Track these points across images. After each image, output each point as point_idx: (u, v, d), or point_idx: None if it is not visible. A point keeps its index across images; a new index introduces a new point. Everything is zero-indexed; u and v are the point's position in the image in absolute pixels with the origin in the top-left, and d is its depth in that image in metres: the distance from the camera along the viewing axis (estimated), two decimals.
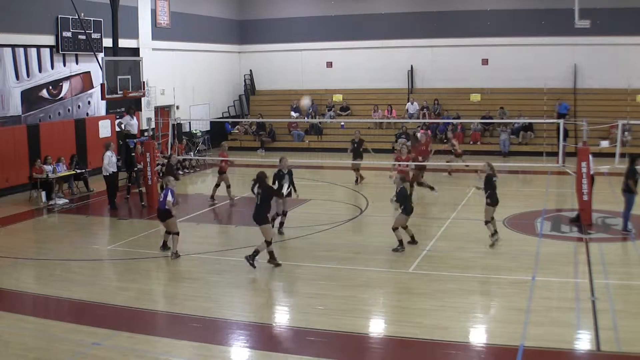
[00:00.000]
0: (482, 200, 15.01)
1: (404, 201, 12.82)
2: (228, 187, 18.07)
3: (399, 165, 16.71)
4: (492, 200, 13.25)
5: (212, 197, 18.25)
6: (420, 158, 17.94)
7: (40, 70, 20.98)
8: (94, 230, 16.15)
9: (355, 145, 20.05)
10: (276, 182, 14.37)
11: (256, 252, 11.96)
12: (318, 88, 31.17)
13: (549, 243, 13.47)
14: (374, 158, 20.90)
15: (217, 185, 18.17)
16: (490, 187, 13.23)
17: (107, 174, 17.55)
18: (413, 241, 13.20)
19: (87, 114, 22.98)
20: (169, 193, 12.74)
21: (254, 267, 11.85)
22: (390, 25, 29.97)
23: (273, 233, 12.47)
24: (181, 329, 9.48)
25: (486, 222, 13.31)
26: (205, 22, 29.70)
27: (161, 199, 12.91)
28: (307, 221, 15.99)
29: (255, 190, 12.14)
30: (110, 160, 17.57)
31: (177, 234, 12.93)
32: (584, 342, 8.80)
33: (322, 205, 18.04)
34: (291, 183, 14.60)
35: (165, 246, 13.25)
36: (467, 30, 28.76)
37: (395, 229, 12.91)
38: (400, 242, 12.88)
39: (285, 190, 14.11)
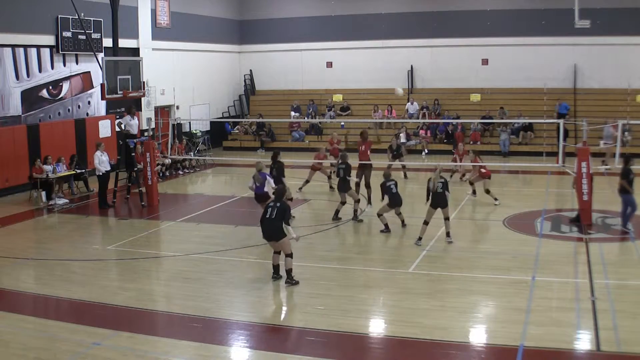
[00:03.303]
0: (482, 200, 15.06)
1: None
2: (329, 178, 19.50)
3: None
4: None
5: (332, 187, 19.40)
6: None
7: (40, 70, 20.99)
8: (94, 230, 16.15)
9: (395, 152, 20.43)
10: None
11: (289, 271, 11.18)
12: (318, 88, 31.18)
13: (549, 243, 13.47)
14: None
15: (329, 177, 19.50)
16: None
17: (100, 174, 17.62)
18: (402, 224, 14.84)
19: (87, 114, 22.98)
20: (267, 177, 14.19)
21: (298, 282, 11.14)
22: (390, 25, 29.97)
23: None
24: (181, 329, 9.48)
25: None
26: (205, 22, 29.70)
27: (258, 185, 14.21)
28: (307, 221, 16.00)
29: (272, 203, 11.34)
30: (100, 160, 17.61)
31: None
32: (584, 342, 8.80)
33: (322, 205, 18.05)
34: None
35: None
36: (467, 30, 28.75)
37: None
38: (386, 225, 14.52)
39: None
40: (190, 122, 28.15)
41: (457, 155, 19.93)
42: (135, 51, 24.53)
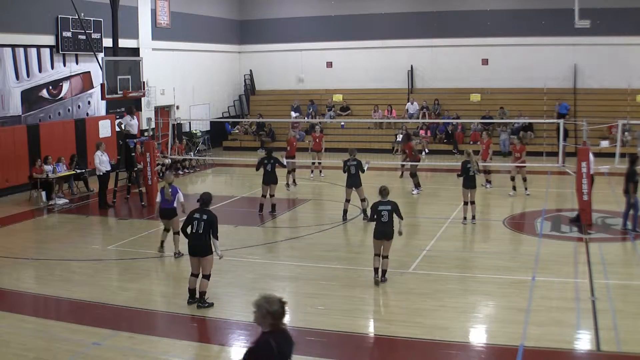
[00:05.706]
0: (482, 200, 15.01)
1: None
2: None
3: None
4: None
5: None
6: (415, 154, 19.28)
7: (40, 70, 20.98)
8: (94, 230, 16.15)
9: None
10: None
11: (203, 294, 10.21)
12: (318, 88, 31.18)
13: (549, 243, 13.47)
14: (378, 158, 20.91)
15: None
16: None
17: (100, 174, 17.62)
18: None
19: (87, 114, 22.97)
20: (179, 191, 12.69)
21: (212, 304, 10.24)
22: (390, 25, 29.97)
23: None
24: (181, 329, 9.48)
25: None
26: (205, 22, 29.70)
27: (167, 199, 12.57)
28: (307, 221, 16.01)
29: (197, 215, 10.08)
30: (100, 160, 17.59)
31: (178, 233, 12.45)
32: (584, 342, 8.80)
33: (322, 205, 18.06)
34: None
35: (162, 246, 13.17)
36: (467, 30, 28.75)
37: None
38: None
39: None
40: (190, 122, 28.16)
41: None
42: (135, 51, 24.52)
